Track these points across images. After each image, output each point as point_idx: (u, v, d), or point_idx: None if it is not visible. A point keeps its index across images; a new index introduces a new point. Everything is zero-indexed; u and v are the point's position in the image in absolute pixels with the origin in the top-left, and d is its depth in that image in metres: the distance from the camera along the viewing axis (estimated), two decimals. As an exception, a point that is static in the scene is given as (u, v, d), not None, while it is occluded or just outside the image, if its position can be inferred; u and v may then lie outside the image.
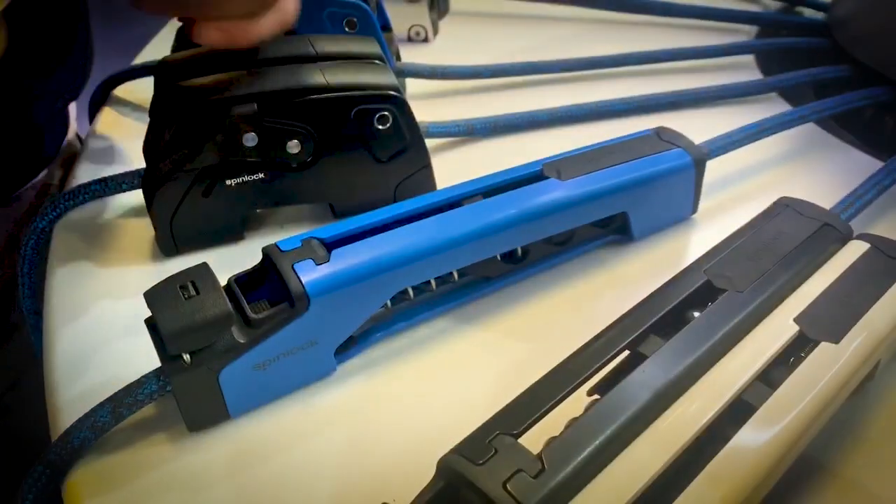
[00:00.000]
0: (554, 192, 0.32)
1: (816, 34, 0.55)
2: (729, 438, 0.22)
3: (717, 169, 0.41)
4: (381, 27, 0.43)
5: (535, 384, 0.23)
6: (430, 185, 0.37)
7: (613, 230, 0.36)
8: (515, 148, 0.44)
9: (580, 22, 0.61)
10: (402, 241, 0.29)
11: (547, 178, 0.33)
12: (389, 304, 0.31)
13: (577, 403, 0.24)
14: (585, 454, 0.21)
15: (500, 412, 0.22)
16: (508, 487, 0.20)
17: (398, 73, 0.46)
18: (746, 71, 0.53)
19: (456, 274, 0.32)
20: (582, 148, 0.35)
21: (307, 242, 0.28)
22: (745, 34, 0.59)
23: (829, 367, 0.24)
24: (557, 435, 0.21)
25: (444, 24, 0.59)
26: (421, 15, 0.56)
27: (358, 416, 0.28)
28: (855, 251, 0.29)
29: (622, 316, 0.26)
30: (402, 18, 0.56)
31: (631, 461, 0.21)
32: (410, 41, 0.57)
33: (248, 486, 0.26)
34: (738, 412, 0.23)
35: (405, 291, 0.30)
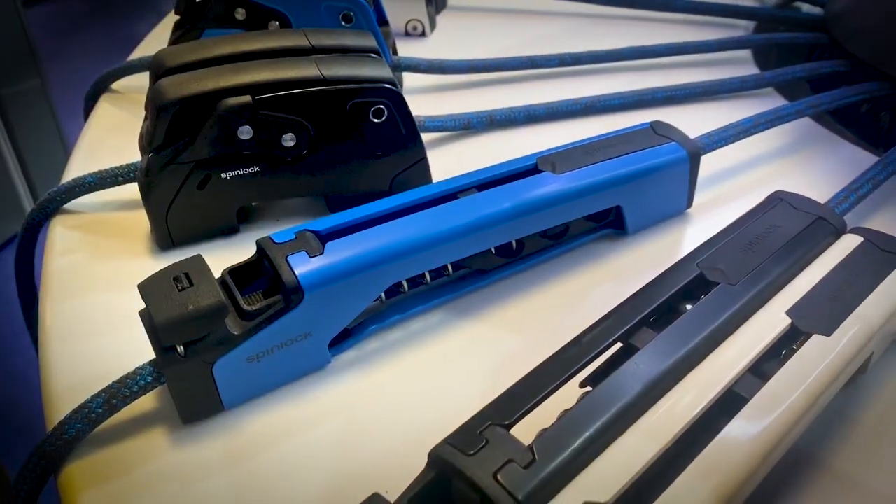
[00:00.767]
0: (548, 185, 0.32)
1: (813, 29, 0.55)
2: (720, 430, 0.22)
3: (712, 163, 0.41)
4: (377, 21, 0.43)
5: (526, 375, 0.23)
6: (426, 178, 0.37)
7: (608, 224, 0.36)
8: (512, 142, 0.44)
9: (577, 17, 0.61)
10: (396, 233, 0.29)
11: (541, 171, 0.33)
12: (384, 296, 0.31)
13: (569, 395, 0.24)
14: (576, 445, 0.21)
15: (491, 403, 0.22)
16: (499, 477, 0.20)
17: (395, 67, 0.46)
18: (743, 66, 0.53)
19: (450, 267, 0.32)
20: (577, 142, 0.35)
21: (301, 235, 0.28)
22: (742, 29, 0.59)
23: (820, 359, 0.24)
24: (549, 426, 0.21)
25: (441, 18, 0.60)
26: (418, 9, 0.56)
27: (352, 408, 0.28)
28: (848, 245, 0.29)
29: (615, 308, 0.26)
30: (399, 13, 0.56)
31: (622, 452, 0.21)
32: (408, 35, 0.57)
33: (241, 477, 0.26)
34: (729, 404, 0.23)
35: (400, 284, 0.31)
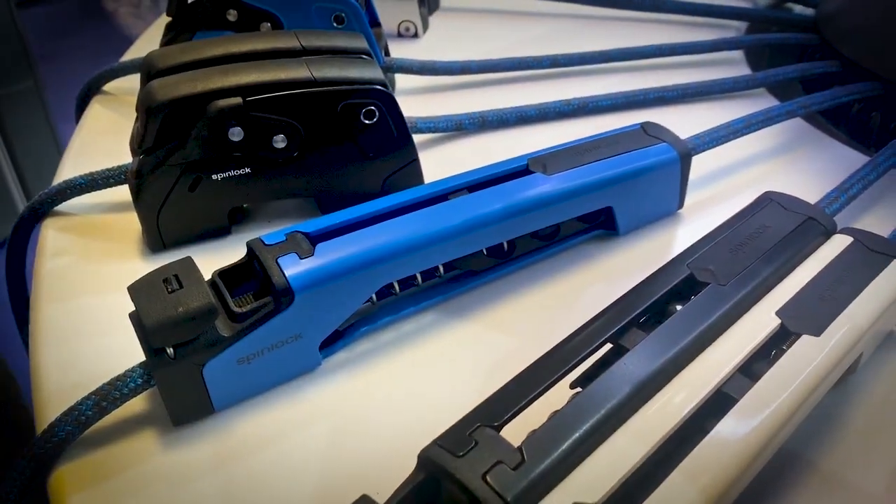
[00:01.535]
0: (539, 186, 0.32)
1: (805, 30, 0.55)
2: (709, 431, 0.22)
3: (704, 164, 0.41)
4: (369, 22, 0.43)
5: (516, 376, 0.23)
6: (417, 179, 0.37)
7: (599, 225, 0.36)
8: (504, 143, 0.44)
9: (569, 18, 0.61)
10: (387, 235, 0.29)
11: (532, 172, 0.33)
12: (375, 298, 0.31)
13: (560, 396, 0.24)
14: (565, 446, 0.21)
15: (481, 404, 0.22)
16: (488, 479, 0.20)
17: (387, 68, 0.46)
18: (735, 66, 0.53)
19: (442, 268, 0.32)
20: (567, 143, 0.35)
21: (291, 236, 0.28)
22: (733, 30, 0.59)
23: (810, 360, 0.24)
24: (538, 427, 0.22)
25: (433, 19, 0.60)
26: (411, 10, 0.56)
27: (343, 410, 0.28)
28: (838, 245, 0.29)
29: (605, 309, 0.26)
30: (391, 14, 0.56)
31: (611, 453, 0.21)
32: (400, 37, 0.57)
33: (232, 479, 0.26)
34: (718, 405, 0.23)
35: (391, 285, 0.31)
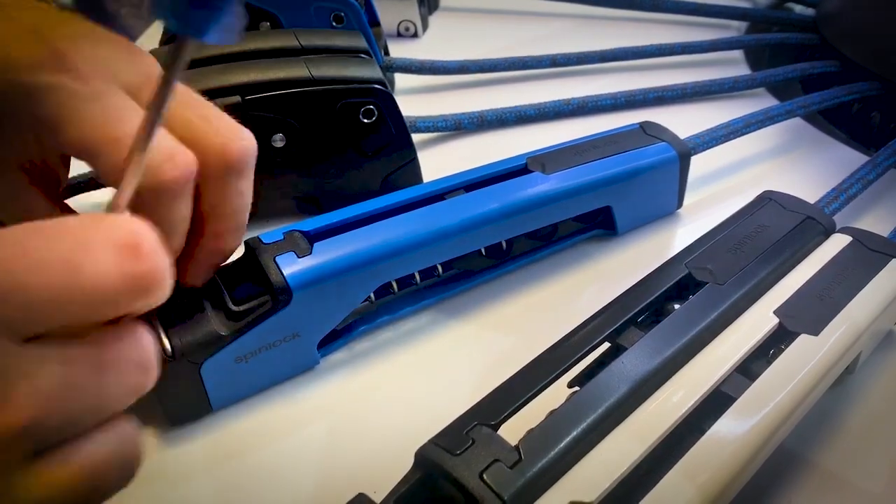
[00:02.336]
0: (538, 185, 0.32)
1: (805, 30, 0.55)
2: (707, 430, 0.22)
3: (704, 164, 0.41)
4: (369, 22, 0.43)
5: (514, 375, 0.23)
6: (416, 179, 0.37)
7: (598, 224, 0.36)
8: (503, 143, 0.44)
9: (569, 18, 0.61)
10: (384, 234, 0.29)
11: (531, 171, 0.33)
12: (373, 297, 0.31)
13: (558, 395, 0.24)
14: (562, 445, 0.21)
15: (478, 403, 0.22)
16: (485, 477, 0.20)
17: (387, 67, 0.46)
18: (735, 66, 0.53)
19: (440, 268, 0.32)
20: (566, 142, 0.35)
21: (289, 235, 0.28)
22: (734, 30, 0.59)
23: (807, 359, 0.24)
24: (535, 426, 0.21)
25: (433, 19, 0.59)
26: (410, 10, 0.56)
27: (341, 409, 0.28)
28: (837, 244, 0.29)
29: (603, 308, 0.26)
30: (391, 13, 0.56)
31: (608, 452, 0.21)
32: (400, 36, 0.57)
33: (229, 478, 0.26)
34: (716, 404, 0.23)
35: (389, 285, 0.30)
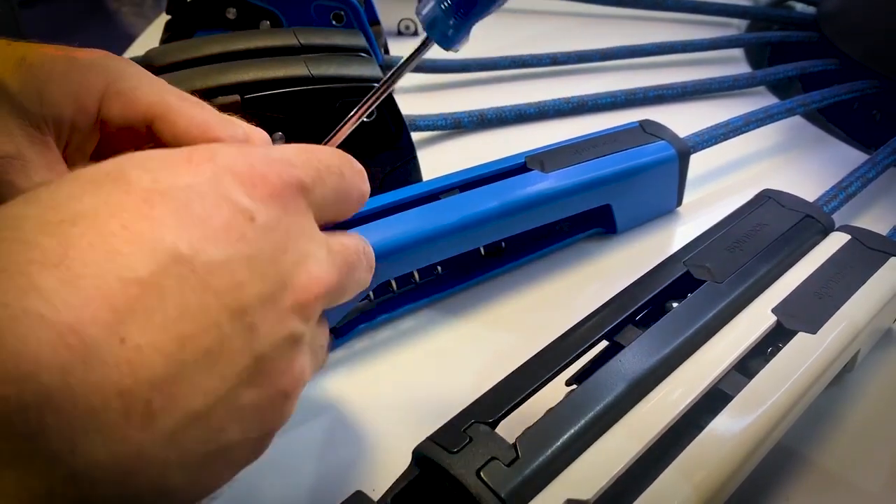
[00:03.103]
0: (536, 184, 0.32)
1: (806, 28, 0.55)
2: (704, 428, 0.22)
3: (704, 162, 0.41)
4: (369, 21, 0.43)
5: (512, 373, 0.23)
6: (416, 177, 0.37)
7: (597, 222, 0.36)
8: (503, 141, 0.44)
9: (569, 16, 0.61)
10: (384, 232, 0.29)
11: (530, 170, 0.33)
12: (372, 295, 0.31)
13: (557, 393, 0.24)
14: (560, 443, 0.21)
15: (476, 401, 0.22)
16: (482, 475, 0.20)
17: (386, 66, 0.46)
18: (735, 65, 0.53)
19: (439, 266, 0.32)
20: (565, 140, 0.35)
21: (289, 234, 0.28)
22: (734, 28, 0.59)
23: (805, 357, 0.24)
24: (533, 424, 0.21)
25: (434, 17, 0.59)
26: (411, 8, 0.56)
27: (339, 406, 0.28)
28: (835, 242, 0.29)
29: (601, 306, 0.26)
30: (391, 12, 0.56)
31: (605, 449, 0.21)
32: (400, 35, 0.57)
33: (228, 476, 0.26)
34: (714, 402, 0.23)
35: (388, 283, 0.31)
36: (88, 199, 0.16)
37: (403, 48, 0.52)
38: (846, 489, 0.25)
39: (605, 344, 0.25)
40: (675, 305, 0.26)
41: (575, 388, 0.24)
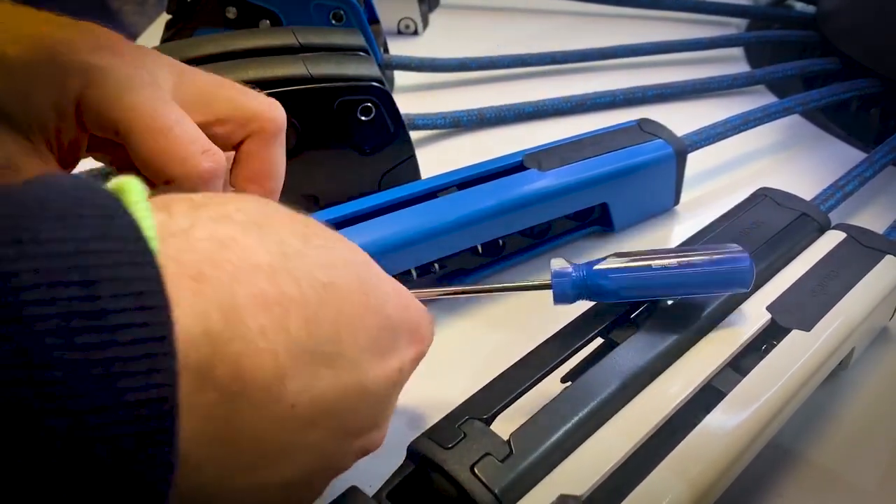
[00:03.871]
0: (534, 182, 0.32)
1: (805, 27, 0.55)
2: (698, 424, 0.22)
3: (702, 160, 0.41)
4: (368, 20, 0.43)
5: (507, 370, 0.24)
6: (414, 176, 0.38)
7: (594, 221, 0.36)
8: (502, 140, 0.44)
9: (568, 15, 0.61)
10: (381, 231, 0.29)
11: (527, 168, 0.33)
12: (370, 293, 0.31)
13: (551, 390, 0.24)
14: (553, 439, 0.21)
15: (471, 397, 0.23)
16: (476, 470, 0.20)
17: (386, 65, 0.47)
18: (735, 64, 0.53)
19: (436, 264, 0.32)
20: (563, 139, 0.35)
21: (286, 231, 0.28)
22: (734, 27, 0.59)
23: (799, 354, 0.24)
24: (527, 420, 0.22)
25: (433, 16, 0.60)
26: (411, 7, 0.56)
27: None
28: (831, 241, 0.29)
29: (596, 303, 0.26)
30: (391, 11, 0.56)
31: (598, 446, 0.21)
32: (400, 34, 0.57)
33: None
34: (707, 399, 0.23)
35: (386, 281, 0.31)
36: None
37: (403, 47, 0.53)
38: (840, 487, 0.25)
39: (599, 341, 0.25)
40: (669, 303, 0.26)
41: (569, 384, 0.24)
